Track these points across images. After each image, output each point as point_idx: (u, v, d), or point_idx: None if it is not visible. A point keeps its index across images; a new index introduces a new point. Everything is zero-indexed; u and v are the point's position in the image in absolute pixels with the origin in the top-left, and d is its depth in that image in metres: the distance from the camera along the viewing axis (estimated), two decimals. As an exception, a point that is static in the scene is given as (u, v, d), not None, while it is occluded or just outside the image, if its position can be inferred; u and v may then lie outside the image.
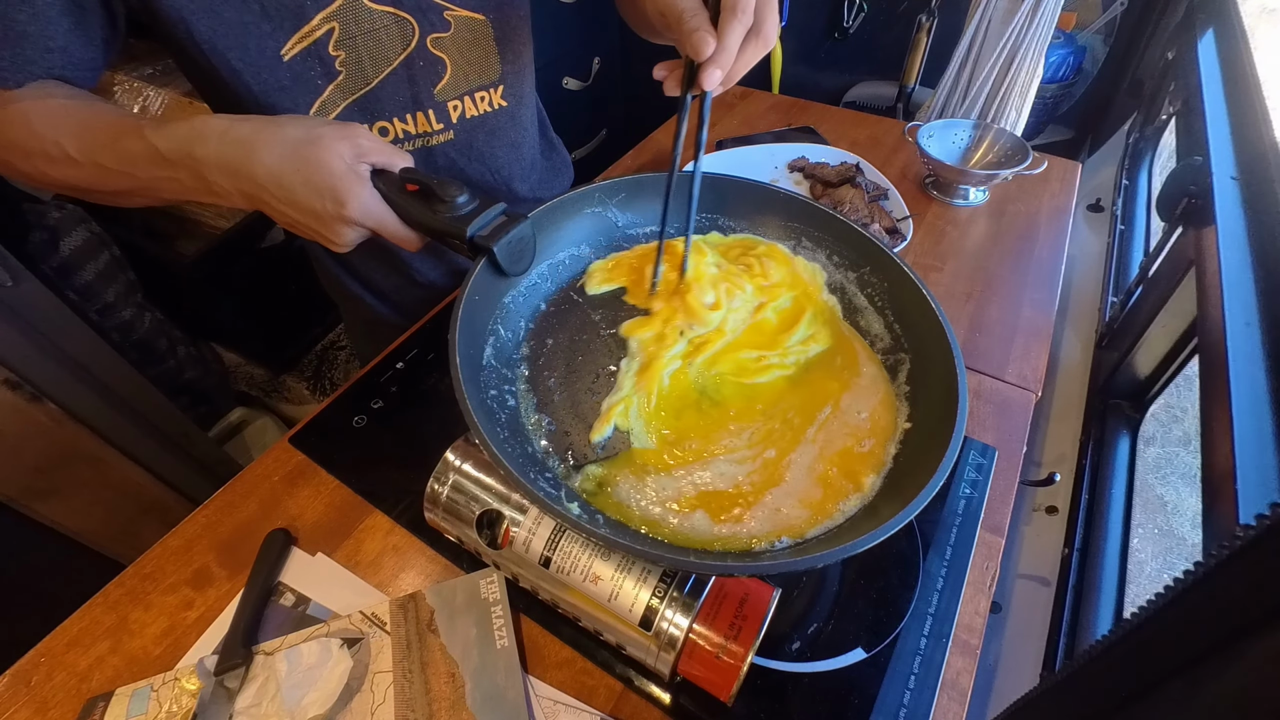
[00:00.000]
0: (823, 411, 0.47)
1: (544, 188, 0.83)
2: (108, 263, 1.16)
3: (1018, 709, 0.30)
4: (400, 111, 0.63)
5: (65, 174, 0.48)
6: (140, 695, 0.42)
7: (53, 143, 0.47)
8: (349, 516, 0.52)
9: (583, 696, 0.42)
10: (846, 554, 0.33)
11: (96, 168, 0.47)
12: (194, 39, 0.50)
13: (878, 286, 0.53)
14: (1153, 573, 1.36)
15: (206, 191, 0.46)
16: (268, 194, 0.45)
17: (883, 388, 0.48)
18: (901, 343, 0.50)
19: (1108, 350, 0.84)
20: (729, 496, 0.42)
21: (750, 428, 0.46)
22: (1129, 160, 1.16)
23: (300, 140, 0.44)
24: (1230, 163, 0.66)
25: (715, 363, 0.49)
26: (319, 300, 1.40)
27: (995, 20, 1.19)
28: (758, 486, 0.42)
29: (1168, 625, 0.21)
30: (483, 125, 0.68)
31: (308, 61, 0.55)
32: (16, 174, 0.51)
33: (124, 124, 0.47)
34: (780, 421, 0.46)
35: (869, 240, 0.54)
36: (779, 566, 0.37)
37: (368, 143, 0.46)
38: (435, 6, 0.58)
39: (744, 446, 0.45)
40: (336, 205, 0.44)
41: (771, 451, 0.44)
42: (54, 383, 0.86)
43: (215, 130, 0.44)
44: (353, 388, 0.62)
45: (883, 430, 0.45)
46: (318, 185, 0.44)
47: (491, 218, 0.47)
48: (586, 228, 0.58)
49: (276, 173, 0.44)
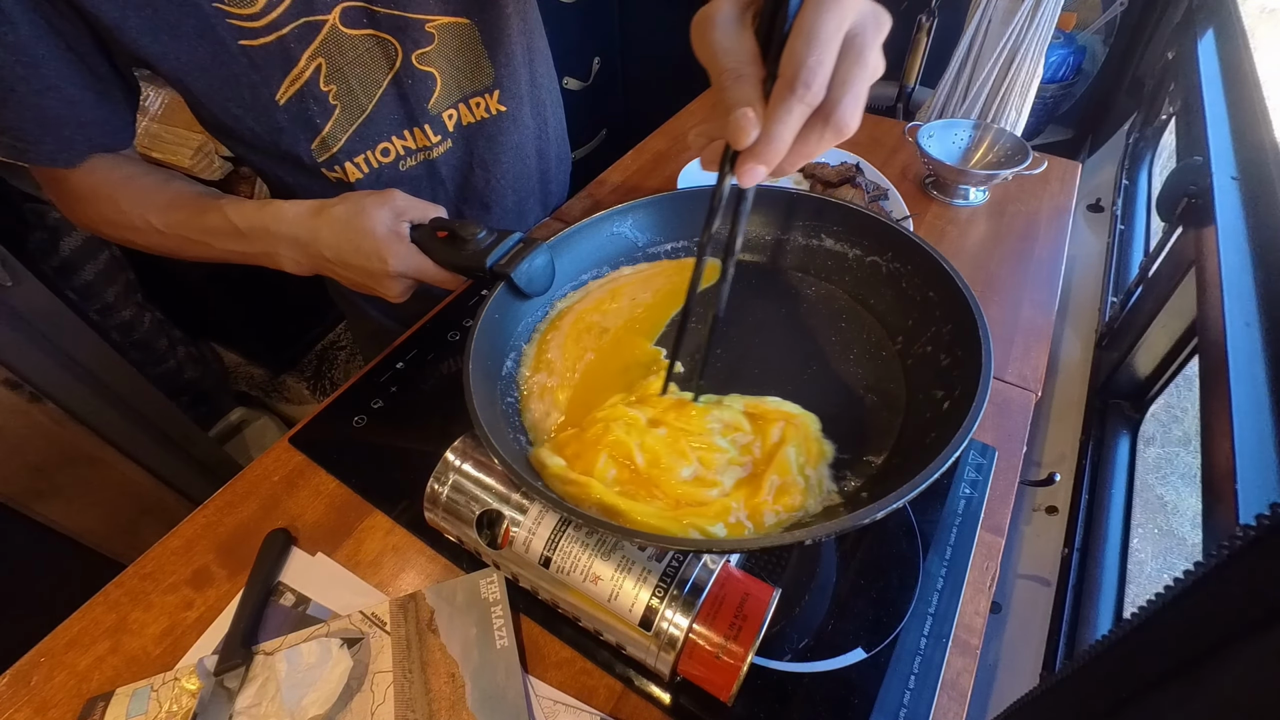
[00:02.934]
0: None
1: (550, 193, 0.83)
2: (108, 262, 1.16)
3: (1018, 709, 0.30)
4: (398, 129, 0.63)
5: (150, 242, 0.58)
6: (140, 695, 0.42)
7: (139, 217, 0.55)
8: (349, 516, 0.52)
9: (583, 696, 0.42)
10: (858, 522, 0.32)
11: (180, 239, 0.56)
12: (191, 95, 0.54)
13: (903, 270, 0.52)
14: (1153, 573, 1.36)
15: (271, 260, 0.56)
16: (328, 261, 0.54)
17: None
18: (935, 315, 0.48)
19: (1108, 350, 0.84)
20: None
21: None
22: (1129, 160, 1.16)
23: (350, 214, 0.52)
24: (1230, 163, 0.66)
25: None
26: (319, 300, 1.40)
27: (995, 20, 1.19)
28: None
29: (1168, 625, 0.21)
30: (481, 131, 0.68)
31: (303, 102, 0.57)
32: (110, 239, 0.60)
33: (203, 201, 0.56)
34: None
35: (887, 225, 0.52)
36: (776, 540, 0.35)
37: (403, 203, 0.53)
38: (414, 22, 0.58)
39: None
40: (381, 263, 0.51)
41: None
42: (54, 383, 0.87)
43: (288, 215, 0.54)
44: (353, 388, 0.62)
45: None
46: (365, 250, 0.52)
47: (509, 247, 0.51)
48: (608, 248, 0.58)
49: (334, 245, 0.52)
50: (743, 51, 0.30)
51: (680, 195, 0.59)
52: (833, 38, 0.28)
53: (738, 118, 0.30)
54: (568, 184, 0.88)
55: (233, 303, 1.46)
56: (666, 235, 0.60)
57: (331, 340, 1.72)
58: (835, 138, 0.31)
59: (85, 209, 0.56)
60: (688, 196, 0.60)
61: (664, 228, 0.60)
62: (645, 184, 0.90)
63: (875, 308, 0.54)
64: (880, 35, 0.30)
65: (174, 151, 1.19)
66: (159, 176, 0.57)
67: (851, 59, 0.29)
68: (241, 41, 0.51)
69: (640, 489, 0.41)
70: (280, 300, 1.54)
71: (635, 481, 0.41)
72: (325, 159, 0.61)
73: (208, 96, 0.54)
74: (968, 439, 0.35)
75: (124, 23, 0.47)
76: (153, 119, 1.23)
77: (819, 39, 0.28)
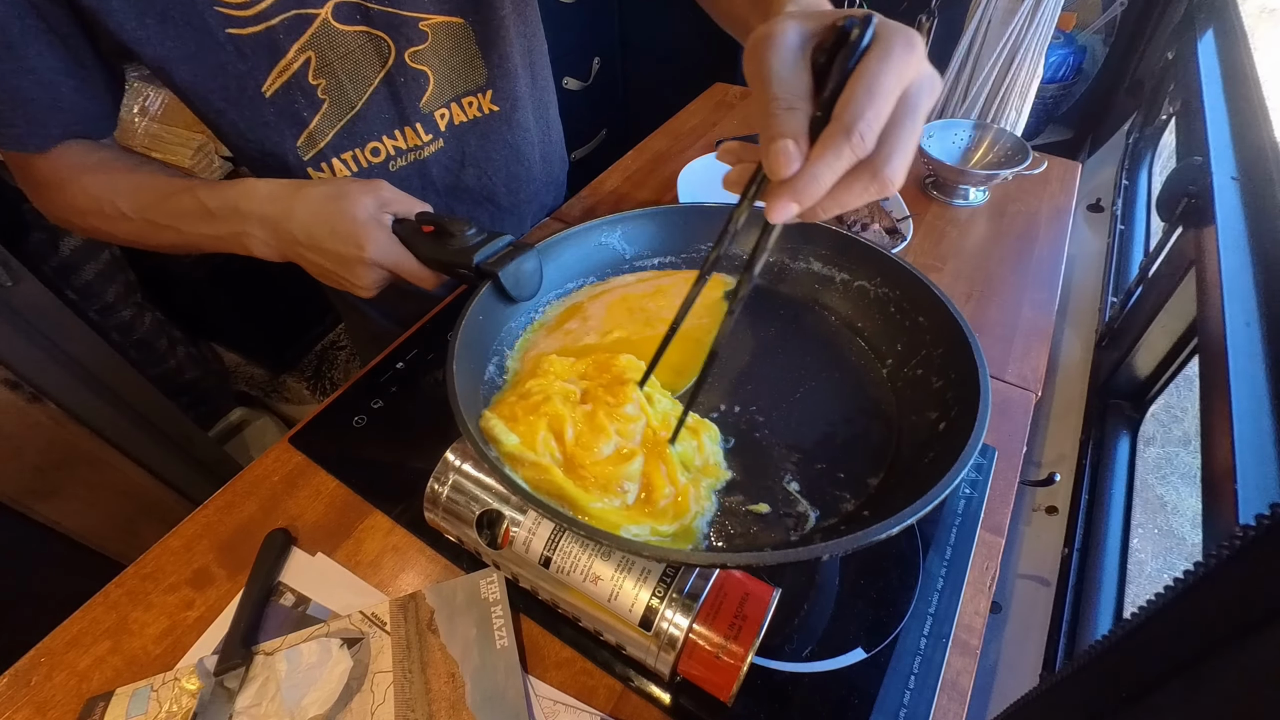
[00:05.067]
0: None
1: (546, 192, 0.82)
2: (107, 263, 1.16)
3: (1018, 709, 0.30)
4: (389, 129, 0.62)
5: (118, 230, 0.55)
6: (140, 695, 0.42)
7: (108, 203, 0.53)
8: (349, 516, 0.52)
9: (583, 696, 0.42)
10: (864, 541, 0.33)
11: (146, 223, 0.53)
12: (175, 84, 0.52)
13: (891, 295, 0.52)
14: (1153, 573, 1.36)
15: (241, 246, 0.52)
16: (299, 245, 0.50)
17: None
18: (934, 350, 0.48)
19: (1108, 350, 0.84)
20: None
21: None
22: (1129, 160, 1.16)
23: (329, 195, 0.49)
24: (1230, 163, 0.66)
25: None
26: (319, 300, 1.40)
27: (995, 20, 1.19)
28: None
29: (1168, 625, 0.21)
30: (473, 130, 0.67)
31: (290, 94, 0.56)
32: (78, 230, 0.58)
33: (174, 184, 0.53)
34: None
35: (875, 250, 0.52)
36: (782, 556, 0.35)
37: (390, 194, 0.51)
38: (409, 20, 0.58)
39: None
40: (357, 248, 0.49)
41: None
42: (54, 383, 0.87)
43: (260, 192, 0.51)
44: (353, 388, 0.62)
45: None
46: (342, 233, 0.49)
47: (498, 247, 0.49)
48: (594, 258, 0.58)
49: (308, 225, 0.49)
50: (799, 85, 0.29)
51: (673, 211, 0.59)
52: (892, 93, 0.28)
53: (782, 148, 0.29)
54: (565, 185, 0.88)
55: (233, 303, 1.46)
56: (655, 250, 0.59)
57: (331, 340, 1.72)
58: (879, 193, 0.30)
59: (54, 196, 0.54)
60: (680, 212, 0.59)
61: (653, 242, 0.59)
62: (646, 183, 0.90)
63: (863, 331, 0.54)
64: (934, 99, 0.30)
65: (174, 151, 1.19)
66: (131, 161, 0.55)
67: (905, 118, 0.29)
68: (229, 30, 0.50)
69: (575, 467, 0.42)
70: (280, 300, 1.54)
71: (567, 458, 0.42)
72: (312, 156, 0.60)
73: (192, 88, 0.52)
74: (975, 453, 0.36)
75: (108, 5, 0.46)
76: (153, 119, 1.23)
77: (880, 92, 0.28)
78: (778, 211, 0.30)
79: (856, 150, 0.28)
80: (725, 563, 0.35)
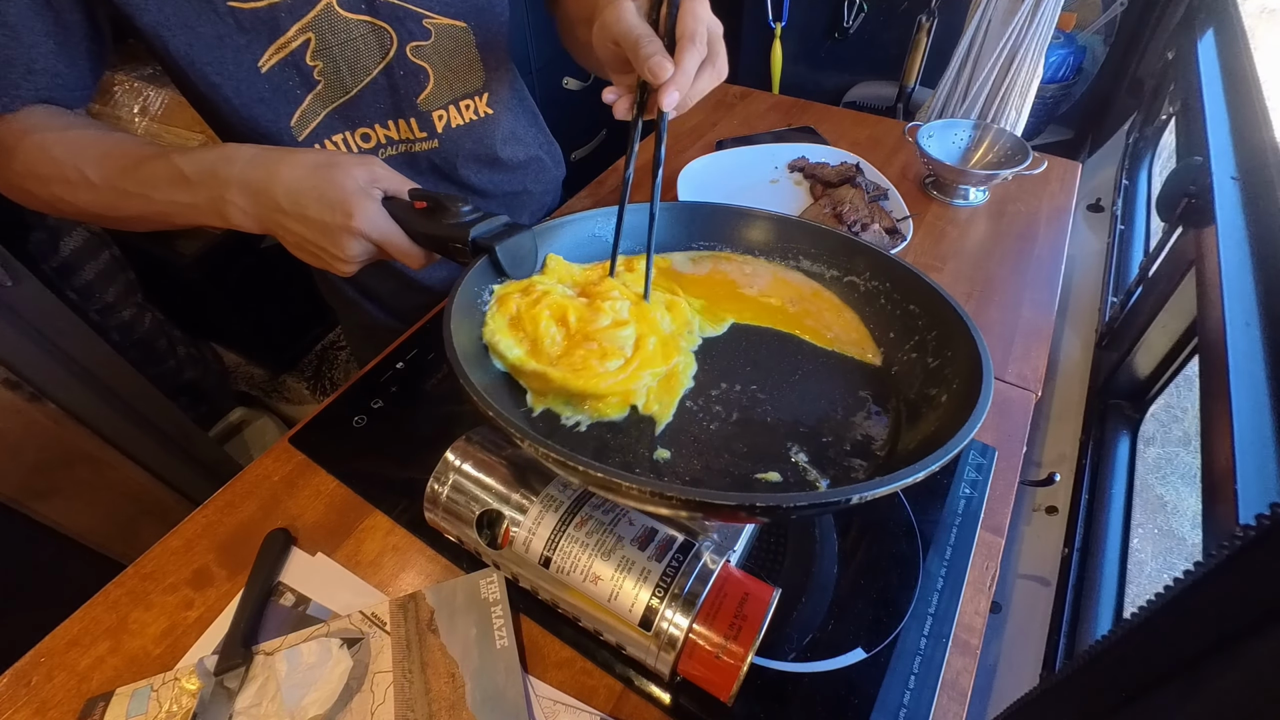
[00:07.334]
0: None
1: (544, 193, 0.82)
2: (108, 263, 1.16)
3: (1018, 709, 0.30)
4: (382, 118, 0.63)
5: (81, 199, 0.51)
6: (140, 695, 0.42)
7: (72, 168, 0.49)
8: (349, 516, 0.52)
9: (583, 696, 0.42)
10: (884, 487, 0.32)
11: (114, 191, 0.50)
12: (169, 53, 0.51)
13: (881, 287, 0.53)
14: (1153, 573, 1.36)
15: (218, 214, 0.49)
16: (281, 212, 0.47)
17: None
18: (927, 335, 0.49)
19: (1108, 350, 0.84)
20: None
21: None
22: (1129, 160, 1.16)
23: (319, 163, 0.47)
24: (1230, 163, 0.66)
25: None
26: (319, 300, 1.40)
27: (995, 20, 1.19)
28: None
29: (1168, 625, 0.21)
30: (468, 134, 0.68)
31: (285, 72, 0.55)
32: (35, 201, 0.53)
33: (147, 149, 0.50)
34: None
35: (861, 245, 0.53)
36: (817, 497, 0.33)
37: (383, 171, 0.49)
38: (414, 15, 0.58)
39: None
40: (345, 217, 0.46)
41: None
42: (54, 383, 0.86)
43: (242, 155, 0.48)
44: (353, 388, 0.62)
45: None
46: (330, 199, 0.46)
47: (495, 225, 0.49)
48: (587, 249, 0.58)
49: (294, 189, 0.46)
50: (648, 29, 0.43)
51: (671, 207, 0.59)
52: (705, 19, 0.43)
53: (658, 60, 0.41)
54: (561, 186, 0.88)
55: (233, 303, 1.46)
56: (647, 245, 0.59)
57: (331, 340, 1.72)
58: (718, 78, 0.46)
59: (11, 162, 0.50)
60: (679, 209, 0.60)
61: (645, 237, 0.59)
62: (646, 183, 0.90)
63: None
64: (719, 29, 0.46)
65: (174, 151, 1.19)
66: (102, 128, 0.52)
67: (715, 35, 0.45)
68: (230, 3, 0.50)
69: (575, 349, 0.45)
70: (280, 300, 1.54)
71: (570, 341, 0.46)
72: (305, 136, 0.60)
73: (186, 58, 0.51)
74: (984, 414, 0.36)
75: None
76: (153, 119, 1.23)
77: (701, 18, 0.43)
78: (666, 100, 0.42)
79: (701, 52, 0.43)
80: (755, 503, 0.34)
